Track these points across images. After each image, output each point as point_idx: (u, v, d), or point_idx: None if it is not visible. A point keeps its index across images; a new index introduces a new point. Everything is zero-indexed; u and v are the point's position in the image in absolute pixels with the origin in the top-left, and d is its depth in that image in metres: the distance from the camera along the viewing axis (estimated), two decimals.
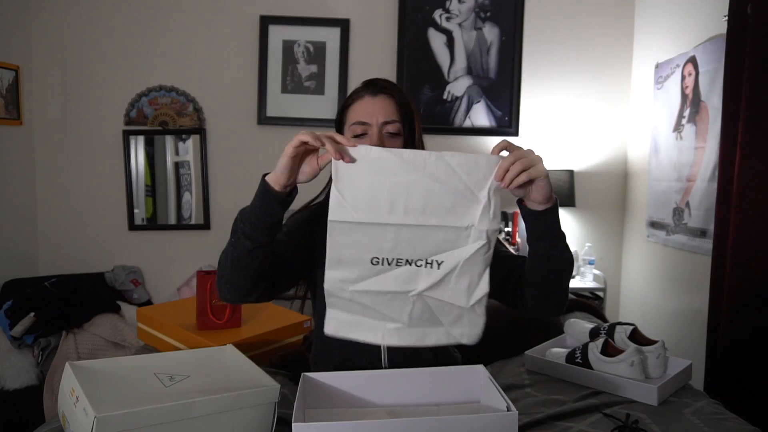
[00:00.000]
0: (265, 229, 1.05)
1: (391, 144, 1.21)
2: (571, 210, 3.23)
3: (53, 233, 3.17)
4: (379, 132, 1.20)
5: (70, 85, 3.12)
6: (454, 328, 1.05)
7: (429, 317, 1.04)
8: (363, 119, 1.21)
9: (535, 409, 1.28)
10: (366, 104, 1.23)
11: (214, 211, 3.20)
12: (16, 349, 2.48)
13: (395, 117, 1.22)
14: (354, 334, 1.04)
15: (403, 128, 1.22)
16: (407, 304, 1.02)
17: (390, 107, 1.22)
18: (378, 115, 1.21)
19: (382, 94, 1.23)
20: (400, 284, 1.01)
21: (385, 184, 0.96)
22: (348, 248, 0.98)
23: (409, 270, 1.00)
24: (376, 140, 1.19)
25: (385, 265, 1.00)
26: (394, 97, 1.24)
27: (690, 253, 2.59)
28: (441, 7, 3.15)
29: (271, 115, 3.14)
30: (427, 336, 1.05)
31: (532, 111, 3.23)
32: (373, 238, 0.98)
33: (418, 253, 0.99)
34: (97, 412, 0.85)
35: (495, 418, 0.91)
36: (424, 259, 1.00)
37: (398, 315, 1.03)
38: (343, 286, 1.01)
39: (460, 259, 0.99)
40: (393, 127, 1.21)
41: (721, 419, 1.21)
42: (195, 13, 3.12)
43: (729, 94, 2.11)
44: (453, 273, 1.00)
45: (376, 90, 1.24)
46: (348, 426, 0.87)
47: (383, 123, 1.21)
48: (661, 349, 1.41)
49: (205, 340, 1.50)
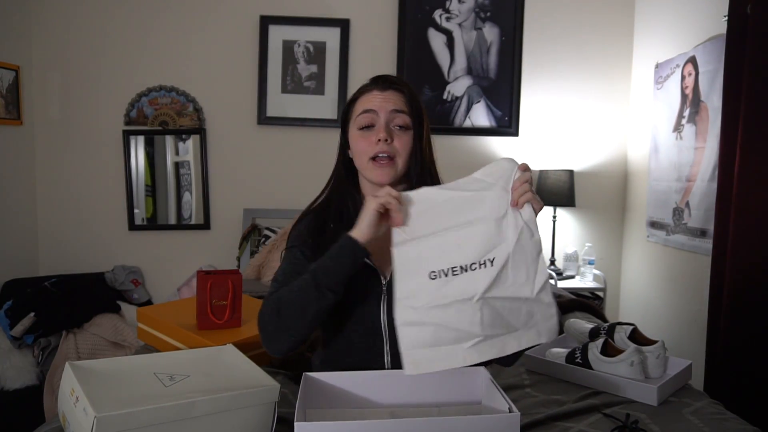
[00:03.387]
0: (346, 281, 1.08)
1: (400, 138, 1.18)
2: (571, 210, 3.23)
3: (53, 233, 3.17)
4: (387, 123, 1.18)
5: (70, 85, 3.12)
6: (529, 328, 1.02)
7: (501, 323, 1.01)
8: (370, 107, 1.19)
9: (535, 409, 1.28)
10: (374, 96, 1.20)
11: (214, 211, 3.20)
12: (16, 349, 2.48)
13: (405, 108, 1.19)
14: (436, 367, 1.00)
15: (412, 122, 1.20)
16: (475, 312, 0.99)
17: (400, 100, 1.20)
18: (387, 105, 1.18)
19: (392, 89, 1.21)
20: (461, 292, 1.00)
21: (431, 210, 1.03)
22: (409, 266, 1.01)
23: (466, 276, 1.01)
24: (383, 131, 1.16)
25: (443, 278, 1.01)
26: (403, 92, 1.21)
27: (690, 253, 2.59)
28: (441, 7, 3.15)
29: (271, 115, 3.14)
30: (507, 344, 1.02)
31: (532, 111, 3.23)
32: (426, 250, 1.01)
33: (469, 257, 1.01)
34: (97, 412, 0.85)
35: (497, 419, 0.91)
36: (477, 261, 1.01)
37: (470, 327, 1.00)
38: (412, 308, 1.01)
39: (508, 250, 1.01)
40: (401, 120, 1.18)
41: (721, 419, 1.21)
42: (195, 13, 3.12)
43: (729, 94, 2.11)
44: (507, 266, 1.01)
45: (386, 85, 1.21)
46: (349, 426, 0.87)
47: (392, 111, 1.18)
48: (660, 349, 1.41)
49: (205, 340, 1.49)
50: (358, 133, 1.20)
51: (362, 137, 1.19)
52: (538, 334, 1.03)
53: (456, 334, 1.00)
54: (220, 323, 1.59)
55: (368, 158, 1.18)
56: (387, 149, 1.16)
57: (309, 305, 1.07)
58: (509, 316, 1.02)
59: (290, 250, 1.23)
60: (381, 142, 1.16)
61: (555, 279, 2.90)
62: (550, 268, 3.06)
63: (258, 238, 3.06)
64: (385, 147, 1.16)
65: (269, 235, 3.01)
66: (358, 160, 1.21)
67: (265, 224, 3.10)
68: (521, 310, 1.02)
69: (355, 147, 1.21)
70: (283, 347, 1.11)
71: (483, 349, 1.00)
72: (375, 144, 1.17)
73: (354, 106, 1.23)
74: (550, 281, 1.13)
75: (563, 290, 2.64)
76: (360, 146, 1.19)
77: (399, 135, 1.18)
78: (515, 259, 1.01)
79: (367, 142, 1.18)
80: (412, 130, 1.20)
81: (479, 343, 1.00)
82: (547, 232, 3.19)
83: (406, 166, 1.19)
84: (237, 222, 3.16)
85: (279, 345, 1.11)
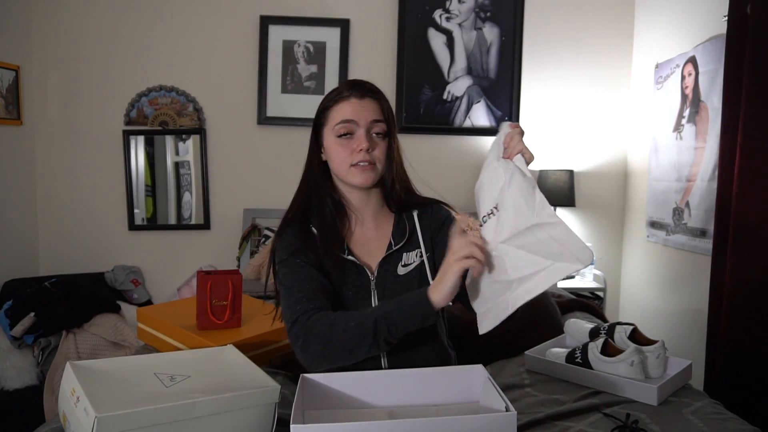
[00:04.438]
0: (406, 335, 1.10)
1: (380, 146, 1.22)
2: (571, 210, 3.23)
3: (53, 233, 3.17)
4: (368, 132, 1.21)
5: (70, 85, 3.12)
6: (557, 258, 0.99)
7: (530, 262, 1.01)
8: (350, 117, 1.21)
9: (534, 408, 1.28)
10: (353, 105, 1.22)
11: (214, 211, 3.20)
12: (16, 349, 2.48)
13: (381, 117, 1.23)
14: (495, 320, 1.03)
15: (388, 129, 1.24)
16: (501, 260, 1.03)
17: (377, 109, 1.23)
18: (367, 115, 1.21)
19: (369, 97, 1.24)
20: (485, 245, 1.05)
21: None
22: None
23: (483, 230, 1.07)
24: (365, 141, 1.20)
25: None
26: (380, 100, 1.25)
27: (690, 253, 2.59)
28: (441, 7, 3.15)
29: (271, 115, 3.14)
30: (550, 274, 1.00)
31: (532, 111, 3.23)
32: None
33: (482, 209, 1.09)
34: (97, 412, 0.85)
35: (494, 418, 0.91)
36: (486, 212, 1.07)
37: (503, 276, 1.03)
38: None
39: (504, 192, 1.05)
40: (380, 128, 1.23)
41: (721, 419, 1.21)
42: (195, 13, 3.12)
43: (729, 94, 2.11)
44: (506, 205, 1.04)
45: (363, 92, 1.23)
46: (347, 427, 0.87)
47: (372, 121, 1.21)
48: (660, 349, 1.41)
49: (205, 340, 1.49)
50: (337, 141, 1.22)
51: (341, 145, 1.22)
52: (575, 259, 0.98)
53: (499, 286, 1.04)
54: (220, 323, 1.59)
55: (349, 165, 1.21)
56: (368, 157, 1.20)
57: (360, 349, 1.09)
58: (537, 251, 1.00)
59: (287, 261, 1.23)
60: (362, 152, 1.20)
61: None
62: None
63: (258, 238, 3.06)
64: (367, 156, 1.20)
65: (269, 235, 3.01)
66: (336, 167, 1.24)
67: (265, 224, 3.10)
68: (541, 240, 1.00)
69: (334, 154, 1.23)
70: (318, 369, 1.13)
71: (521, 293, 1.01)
72: (356, 152, 1.20)
73: (330, 113, 1.24)
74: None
75: (563, 290, 2.63)
76: (339, 154, 1.22)
77: (378, 142, 1.23)
78: (513, 195, 1.04)
79: (347, 150, 1.21)
80: (387, 136, 1.24)
81: (518, 287, 1.01)
82: None
83: (383, 170, 1.25)
84: (237, 222, 3.16)
85: (315, 367, 1.14)
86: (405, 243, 1.28)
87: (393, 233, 1.29)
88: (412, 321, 1.07)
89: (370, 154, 1.21)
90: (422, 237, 1.30)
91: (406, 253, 1.28)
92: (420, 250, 1.29)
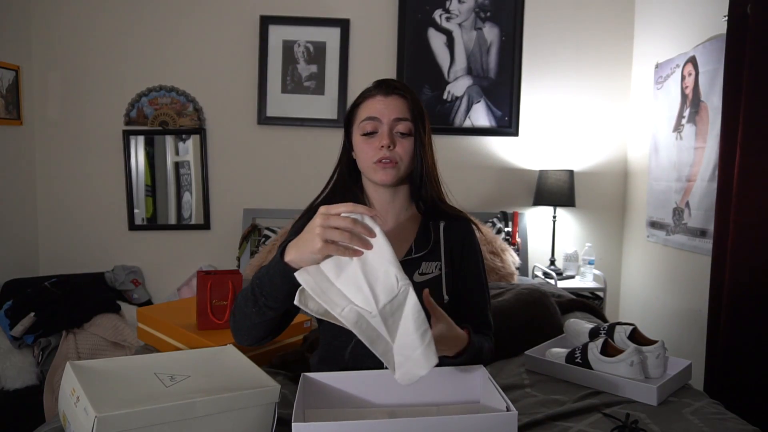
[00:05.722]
0: (285, 299, 1.01)
1: (402, 144, 1.21)
2: (571, 210, 3.23)
3: (53, 233, 3.17)
4: (390, 130, 1.20)
5: (70, 85, 3.12)
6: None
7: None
8: (374, 114, 1.21)
9: (534, 409, 1.28)
10: (378, 102, 1.23)
11: (214, 211, 3.20)
12: (16, 349, 2.48)
13: (407, 116, 1.22)
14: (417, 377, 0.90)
15: (414, 128, 1.22)
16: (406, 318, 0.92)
17: (402, 107, 1.22)
18: (390, 112, 1.21)
19: (395, 95, 1.23)
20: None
21: None
22: None
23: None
24: (386, 138, 1.19)
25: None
26: (406, 98, 1.24)
27: (690, 253, 2.59)
28: (441, 7, 3.15)
29: (271, 115, 3.14)
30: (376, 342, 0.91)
31: (532, 111, 3.23)
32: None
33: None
34: (97, 412, 0.85)
35: (494, 418, 0.91)
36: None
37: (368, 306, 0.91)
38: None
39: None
40: (404, 127, 1.21)
41: (721, 419, 1.21)
42: (195, 13, 3.12)
43: (729, 94, 2.11)
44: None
45: (389, 90, 1.24)
46: (348, 426, 0.87)
47: (395, 120, 1.21)
48: (660, 349, 1.41)
49: (205, 340, 1.50)
50: (362, 139, 1.23)
51: (365, 143, 1.22)
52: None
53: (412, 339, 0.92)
54: (220, 323, 1.59)
55: (372, 162, 1.21)
56: (389, 155, 1.20)
57: (250, 317, 1.09)
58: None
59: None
60: (384, 149, 1.20)
61: (555, 279, 2.89)
62: (550, 268, 3.07)
63: (258, 238, 3.06)
64: (388, 153, 1.20)
65: (269, 235, 3.01)
66: (362, 163, 1.25)
67: (265, 224, 3.10)
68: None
69: (360, 152, 1.24)
70: (243, 342, 1.17)
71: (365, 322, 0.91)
72: (378, 150, 1.20)
73: (357, 111, 1.26)
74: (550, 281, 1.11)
75: (563, 290, 2.63)
76: (364, 151, 1.23)
77: (401, 141, 1.22)
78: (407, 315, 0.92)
79: (371, 147, 1.21)
80: (413, 136, 1.23)
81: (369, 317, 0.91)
82: (547, 232, 3.20)
83: (408, 169, 1.24)
84: (237, 222, 3.16)
85: (239, 340, 1.17)
86: (427, 253, 1.25)
87: (416, 239, 1.27)
88: (273, 280, 1.01)
89: (392, 152, 1.20)
90: (444, 250, 1.27)
91: (426, 263, 1.25)
92: (440, 263, 1.26)
